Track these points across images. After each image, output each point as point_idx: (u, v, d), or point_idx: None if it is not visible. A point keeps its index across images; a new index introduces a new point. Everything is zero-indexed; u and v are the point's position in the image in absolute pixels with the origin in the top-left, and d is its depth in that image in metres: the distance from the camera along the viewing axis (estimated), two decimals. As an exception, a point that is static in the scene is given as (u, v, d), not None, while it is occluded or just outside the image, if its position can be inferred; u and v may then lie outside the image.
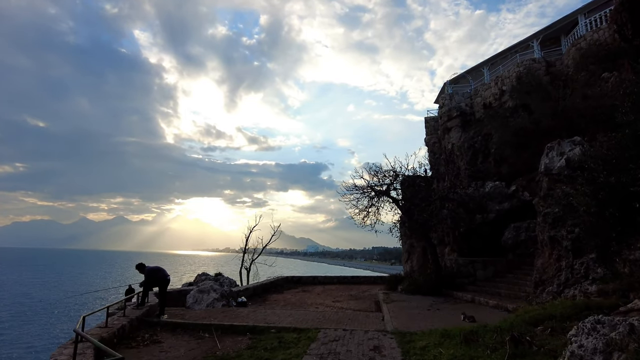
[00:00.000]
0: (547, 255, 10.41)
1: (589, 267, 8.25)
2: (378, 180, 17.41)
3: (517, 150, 17.23)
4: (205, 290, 13.60)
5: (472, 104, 29.37)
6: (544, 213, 10.35)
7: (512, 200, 19.80)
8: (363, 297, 16.89)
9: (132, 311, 9.89)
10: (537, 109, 15.19)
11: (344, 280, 23.36)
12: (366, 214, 17.80)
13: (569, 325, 6.13)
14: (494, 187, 20.55)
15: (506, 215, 19.38)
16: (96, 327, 7.80)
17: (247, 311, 11.94)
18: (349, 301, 15.70)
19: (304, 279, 23.31)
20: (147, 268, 10.90)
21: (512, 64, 26.12)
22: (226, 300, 13.38)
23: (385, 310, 11.71)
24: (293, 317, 10.93)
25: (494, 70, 29.44)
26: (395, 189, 17.45)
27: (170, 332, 9.28)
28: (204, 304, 13.13)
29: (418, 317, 10.77)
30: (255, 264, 26.05)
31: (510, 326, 6.60)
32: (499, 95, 26.79)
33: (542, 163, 10.98)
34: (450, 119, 29.46)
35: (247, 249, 26.15)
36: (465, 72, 31.28)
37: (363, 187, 17.55)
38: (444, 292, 15.96)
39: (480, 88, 28.71)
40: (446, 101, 29.86)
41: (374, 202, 17.69)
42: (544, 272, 10.38)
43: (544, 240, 10.57)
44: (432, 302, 13.74)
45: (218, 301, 13.19)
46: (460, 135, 28.84)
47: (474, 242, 19.98)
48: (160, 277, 10.91)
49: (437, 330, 7.80)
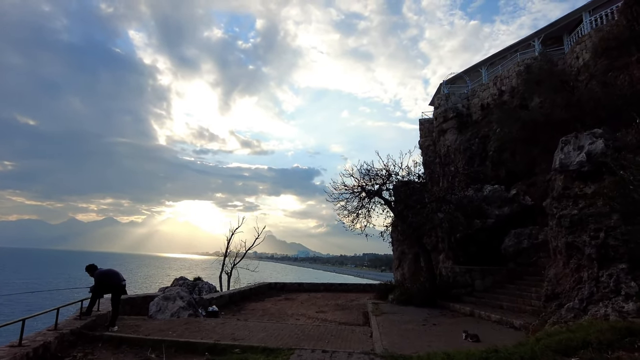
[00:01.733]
0: (561, 264, 9.00)
1: (619, 280, 6.85)
2: (369, 180, 15.95)
3: (526, 147, 15.78)
4: (170, 298, 11.96)
5: (469, 105, 28.17)
6: (559, 216, 8.95)
7: (513, 205, 18.49)
8: (350, 307, 15.36)
9: (71, 322, 8.26)
10: (548, 100, 13.88)
11: (331, 287, 21.79)
12: (356, 216, 16.33)
13: (613, 356, 4.68)
14: (492, 191, 19.24)
15: (506, 221, 18.06)
16: (7, 346, 6.16)
17: (215, 323, 10.33)
18: (334, 312, 14.16)
19: (288, 285, 21.71)
20: (99, 271, 9.27)
21: (512, 63, 24.97)
22: (194, 310, 11.75)
23: (375, 325, 10.19)
24: (267, 331, 9.36)
25: (492, 70, 28.31)
26: (388, 189, 16.00)
27: (113, 349, 7.66)
28: (167, 313, 11.49)
29: (412, 334, 9.27)
30: (237, 269, 24.37)
31: (533, 355, 5.12)
32: (498, 96, 25.59)
33: (557, 159, 9.60)
34: (446, 120, 28.23)
35: (229, 252, 24.48)
36: (463, 72, 30.11)
37: (353, 186, 16.09)
38: (439, 303, 14.48)
39: (478, 89, 27.53)
40: (442, 102, 28.61)
41: (365, 204, 16.23)
42: (557, 284, 8.96)
43: (558, 247, 9.17)
44: (427, 315, 12.25)
45: (184, 310, 11.56)
46: (456, 137, 27.60)
47: (470, 249, 18.62)
48: (113, 282, 9.29)
49: (437, 355, 6.31)
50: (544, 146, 12.99)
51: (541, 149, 13.82)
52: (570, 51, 20.24)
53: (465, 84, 29.70)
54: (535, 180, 22.55)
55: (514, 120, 15.57)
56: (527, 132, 16.64)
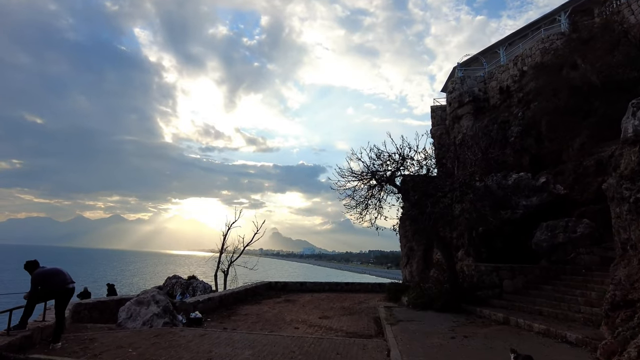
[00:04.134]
0: (637, 262, 6.87)
1: None
2: (380, 165, 13.85)
3: (570, 121, 13.35)
4: (144, 302, 9.99)
5: (485, 89, 25.93)
6: (635, 199, 6.83)
7: (542, 194, 16.28)
8: (359, 312, 13.33)
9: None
10: (602, 60, 11.57)
11: (336, 287, 19.76)
12: (364, 207, 14.24)
13: None
14: (518, 179, 17.04)
15: (535, 212, 15.90)
16: None
17: (192, 336, 8.33)
18: (340, 317, 12.12)
19: (289, 285, 19.72)
20: (38, 271, 7.23)
21: (535, 40, 22.69)
22: (170, 317, 9.76)
23: (391, 339, 8.13)
24: (254, 348, 7.35)
25: (510, 50, 26.02)
26: (402, 175, 13.89)
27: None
28: (139, 322, 9.53)
29: (442, 352, 7.19)
30: (234, 267, 22.38)
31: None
32: (519, 77, 23.33)
33: (627, 127, 7.44)
34: (462, 105, 25.98)
35: (226, 248, 22.50)
36: (479, 54, 27.81)
37: (362, 172, 14.00)
38: (462, 307, 12.41)
39: (496, 70, 25.26)
40: (457, 85, 26.34)
41: (374, 193, 14.14)
42: (632, 288, 6.85)
43: (631, 240, 7.05)
44: (453, 323, 10.17)
45: (159, 318, 9.58)
46: (472, 123, 25.36)
47: (495, 244, 16.49)
48: (55, 285, 7.26)
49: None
50: (603, 113, 10.65)
51: (599, 117, 11.45)
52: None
53: (481, 65, 27.41)
54: (564, 168, 20.31)
55: (560, 84, 13.11)
56: (577, 100, 13.85)
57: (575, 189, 17.82)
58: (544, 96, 14.68)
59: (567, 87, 12.84)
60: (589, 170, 18.83)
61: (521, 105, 22.96)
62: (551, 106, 14.34)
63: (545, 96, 14.60)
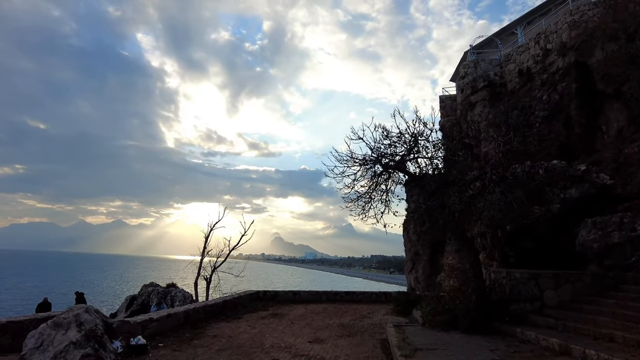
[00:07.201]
0: None
1: None
2: (388, 147, 11.07)
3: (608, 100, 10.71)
4: (62, 325, 7.19)
5: (502, 73, 23.19)
6: None
7: (583, 186, 13.45)
8: (361, 331, 10.48)
9: None
10: None
11: (335, 297, 16.88)
12: (368, 199, 11.43)
13: None
14: (551, 167, 14.25)
15: (576, 207, 13.10)
16: None
17: (110, 380, 5.53)
18: (337, 340, 9.28)
19: (280, 294, 16.87)
20: None
21: (561, 13, 19.98)
22: (94, 347, 6.92)
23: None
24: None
25: (529, 29, 23.32)
26: (416, 158, 11.09)
27: None
28: (49, 353, 6.73)
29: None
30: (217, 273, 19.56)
31: None
32: (542, 57, 20.60)
33: None
34: (475, 91, 23.25)
35: (209, 252, 19.69)
36: (493, 35, 25.07)
37: (365, 157, 11.21)
38: (495, 327, 9.56)
39: (514, 52, 22.53)
40: (469, 70, 23.62)
41: (380, 182, 11.33)
42: None
43: None
44: (491, 353, 7.31)
45: (77, 348, 6.76)
46: (488, 111, 22.63)
47: (525, 245, 13.67)
48: None
49: None
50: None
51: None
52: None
53: (496, 48, 24.68)
54: (601, 157, 17.48)
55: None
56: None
57: (616, 181, 15.05)
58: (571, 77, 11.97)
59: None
60: (632, 159, 16.03)
61: (546, 87, 20.22)
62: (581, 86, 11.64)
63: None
